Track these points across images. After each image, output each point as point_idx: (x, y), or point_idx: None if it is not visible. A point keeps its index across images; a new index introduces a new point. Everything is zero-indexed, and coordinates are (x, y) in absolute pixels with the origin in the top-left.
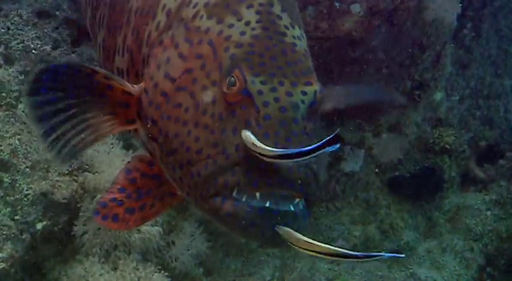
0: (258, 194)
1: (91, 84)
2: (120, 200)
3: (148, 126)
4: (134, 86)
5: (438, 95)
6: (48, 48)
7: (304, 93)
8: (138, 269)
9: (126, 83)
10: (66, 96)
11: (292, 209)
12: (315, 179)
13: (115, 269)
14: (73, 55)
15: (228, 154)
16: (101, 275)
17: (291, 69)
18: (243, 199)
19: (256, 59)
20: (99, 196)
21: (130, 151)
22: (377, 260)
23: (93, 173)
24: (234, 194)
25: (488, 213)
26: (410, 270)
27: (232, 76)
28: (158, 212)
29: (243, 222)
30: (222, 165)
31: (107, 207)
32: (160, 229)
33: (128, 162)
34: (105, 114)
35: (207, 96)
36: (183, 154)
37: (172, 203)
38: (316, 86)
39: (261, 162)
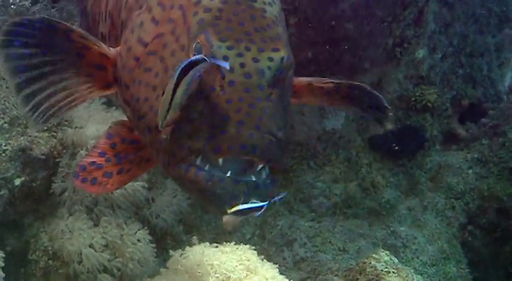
0: (220, 160)
1: (67, 42)
2: (99, 164)
3: (123, 90)
4: (111, 49)
5: (420, 53)
6: (27, 3)
7: (271, 59)
8: (120, 226)
9: (102, 44)
10: (40, 52)
11: (253, 179)
12: (278, 145)
13: (97, 225)
14: (53, 10)
15: (193, 119)
16: (82, 231)
17: (259, 35)
18: (206, 168)
19: (224, 24)
20: (80, 153)
21: (113, 108)
22: (358, 218)
23: (73, 129)
24: (198, 161)
25: (470, 171)
26: (391, 228)
27: (198, 42)
28: (134, 176)
29: (205, 191)
30: (186, 131)
31: (86, 170)
32: (145, 184)
33: (110, 127)
34: (81, 76)
35: (175, 60)
36: (152, 118)
37: (147, 168)
38: (284, 53)
39: (225, 128)
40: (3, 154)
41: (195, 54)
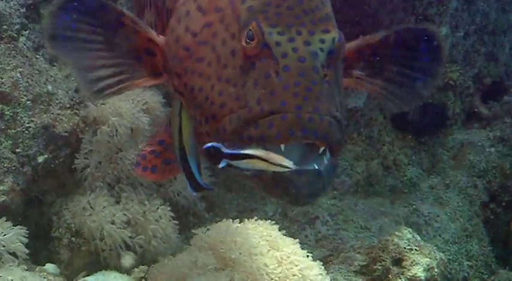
0: (282, 147)
1: (117, 24)
2: (159, 152)
3: (174, 80)
4: (160, 36)
5: (442, 31)
6: None
7: (323, 40)
8: (141, 203)
9: (152, 30)
10: (91, 30)
11: (316, 167)
12: (338, 126)
13: (118, 202)
14: None
15: (250, 107)
16: (104, 208)
17: (308, 17)
18: None
19: (273, 10)
20: (102, 128)
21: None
22: (380, 196)
23: (95, 105)
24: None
25: (492, 149)
26: (414, 206)
27: (250, 29)
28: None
29: (268, 182)
30: (245, 119)
31: (146, 159)
32: None
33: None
34: (130, 58)
35: (227, 49)
36: (208, 108)
37: None
38: (335, 33)
39: (284, 114)
40: (26, 132)
41: (247, 42)
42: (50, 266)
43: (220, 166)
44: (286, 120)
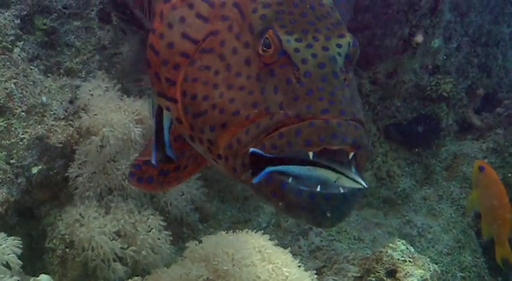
0: (311, 154)
1: None
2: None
3: (163, 85)
4: None
5: (436, 42)
6: None
7: (339, 45)
8: (133, 213)
9: None
10: None
11: (342, 191)
12: (363, 130)
13: (109, 213)
14: None
15: (272, 113)
16: (95, 218)
17: (322, 23)
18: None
19: (287, 17)
20: (92, 139)
21: (131, 97)
22: (373, 207)
23: (88, 116)
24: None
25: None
26: (407, 217)
27: (267, 38)
28: (192, 173)
29: (292, 205)
30: (266, 126)
31: (141, 169)
32: None
33: None
34: None
35: (240, 58)
36: (215, 116)
37: (205, 164)
38: (350, 38)
39: (312, 120)
40: (20, 143)
41: (264, 50)
42: (43, 277)
43: (262, 174)
44: (314, 127)
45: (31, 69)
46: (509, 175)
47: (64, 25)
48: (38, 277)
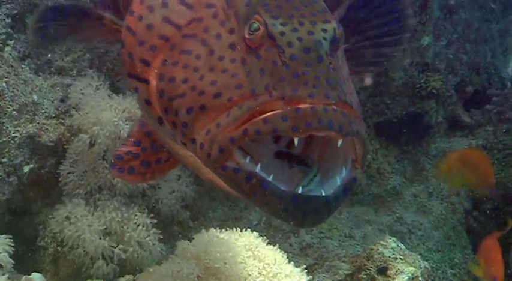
0: (296, 140)
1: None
2: (136, 153)
3: (136, 65)
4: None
5: (425, 40)
6: None
7: (325, 30)
8: (121, 210)
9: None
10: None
11: (323, 194)
12: (353, 116)
13: (99, 211)
14: None
15: (257, 94)
16: (84, 216)
17: (308, 9)
18: (271, 179)
19: (273, 3)
20: (80, 137)
21: (120, 95)
22: (364, 204)
23: (79, 115)
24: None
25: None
26: (397, 214)
27: (254, 22)
28: (174, 165)
29: (273, 205)
30: (249, 107)
31: (122, 160)
32: None
33: (142, 115)
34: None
35: (224, 43)
36: (194, 98)
37: None
38: (334, 24)
39: (298, 105)
40: (11, 141)
41: (251, 34)
42: (36, 276)
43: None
44: (301, 113)
45: (22, 68)
46: (499, 172)
47: None
48: (30, 275)
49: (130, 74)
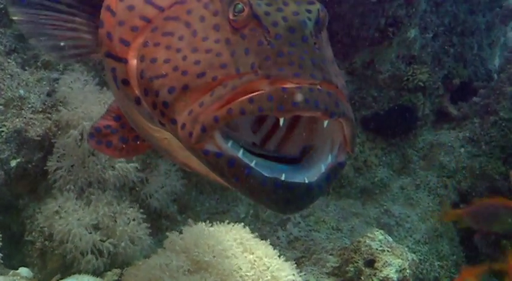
0: (282, 120)
1: None
2: (115, 129)
3: (115, 45)
4: None
5: (412, 33)
6: None
7: (309, 11)
8: (112, 205)
9: None
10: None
11: (306, 181)
12: (339, 97)
13: (89, 205)
14: None
15: (243, 73)
16: (74, 210)
17: None
18: (253, 164)
19: None
20: (71, 132)
21: (105, 88)
22: (351, 197)
23: (67, 110)
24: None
25: (462, 150)
26: (384, 207)
27: (238, 3)
28: (150, 146)
29: (255, 191)
30: (234, 85)
31: (101, 133)
32: (137, 165)
33: (115, 96)
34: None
35: (208, 24)
36: (177, 78)
37: None
38: (319, 5)
39: (284, 85)
40: None
41: (235, 14)
42: (23, 270)
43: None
44: (287, 92)
45: (8, 62)
46: (486, 164)
47: None
48: (17, 269)
49: (108, 54)
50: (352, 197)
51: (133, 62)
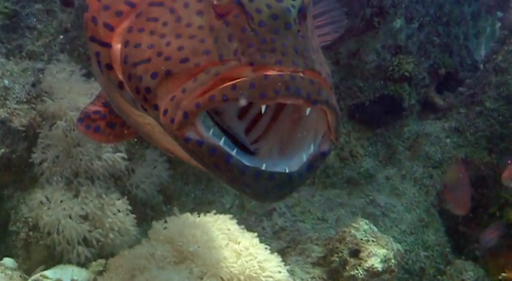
0: (263, 108)
1: None
2: (104, 114)
3: (99, 29)
4: None
5: (398, 22)
6: None
7: None
8: (100, 196)
9: None
10: None
11: (287, 171)
12: (322, 84)
13: (75, 196)
14: None
15: (226, 59)
16: (61, 202)
17: None
18: (234, 153)
19: None
20: (58, 124)
21: (92, 79)
22: (337, 187)
23: (53, 100)
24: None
25: (448, 140)
26: (370, 197)
27: None
28: (137, 132)
29: (236, 180)
30: (217, 72)
31: (90, 118)
32: (124, 155)
33: (98, 81)
34: None
35: (192, 10)
36: (160, 63)
37: None
38: None
39: (266, 72)
40: None
41: (219, 0)
42: (7, 260)
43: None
44: (269, 80)
45: None
46: (472, 154)
47: (25, 8)
48: (1, 260)
49: (92, 38)
50: (338, 187)
51: (117, 46)
